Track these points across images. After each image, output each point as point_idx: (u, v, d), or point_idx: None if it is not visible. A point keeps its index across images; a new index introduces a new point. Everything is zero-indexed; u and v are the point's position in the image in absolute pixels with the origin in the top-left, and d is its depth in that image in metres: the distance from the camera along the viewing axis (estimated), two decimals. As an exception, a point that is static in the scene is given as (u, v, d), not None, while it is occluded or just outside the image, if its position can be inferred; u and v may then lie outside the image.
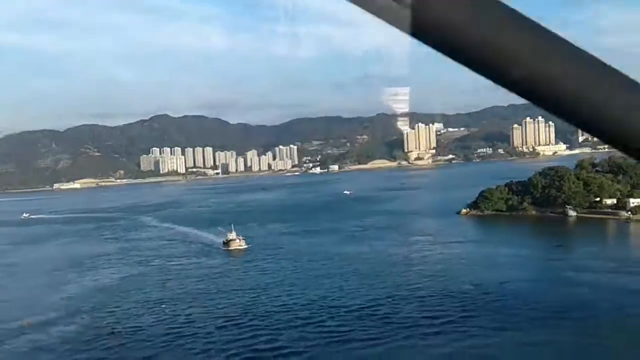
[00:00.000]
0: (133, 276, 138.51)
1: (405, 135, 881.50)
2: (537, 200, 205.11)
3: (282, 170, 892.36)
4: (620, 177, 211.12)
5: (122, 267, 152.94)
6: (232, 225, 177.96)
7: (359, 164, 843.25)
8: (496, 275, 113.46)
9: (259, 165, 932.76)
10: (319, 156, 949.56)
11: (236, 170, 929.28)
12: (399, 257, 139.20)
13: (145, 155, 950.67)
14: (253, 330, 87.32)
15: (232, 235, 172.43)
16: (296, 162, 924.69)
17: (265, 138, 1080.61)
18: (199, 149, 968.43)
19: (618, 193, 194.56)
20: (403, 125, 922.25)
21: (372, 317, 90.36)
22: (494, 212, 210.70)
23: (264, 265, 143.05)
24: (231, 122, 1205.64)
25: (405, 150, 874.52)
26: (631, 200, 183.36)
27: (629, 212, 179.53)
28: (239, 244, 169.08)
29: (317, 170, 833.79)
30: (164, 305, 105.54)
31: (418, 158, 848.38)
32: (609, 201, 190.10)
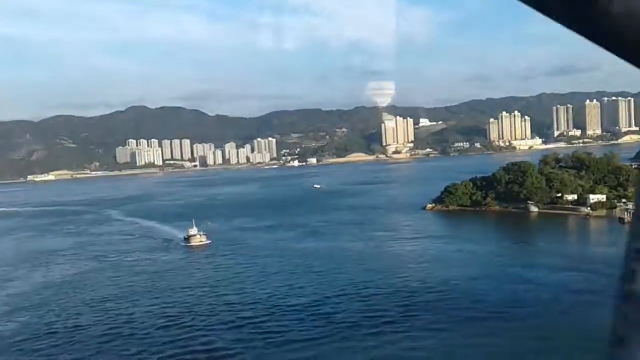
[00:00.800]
0: (84, 273, 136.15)
1: (383, 129, 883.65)
2: (500, 195, 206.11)
3: (261, 163, 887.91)
4: (582, 172, 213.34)
5: (76, 262, 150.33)
6: (193, 220, 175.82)
7: (337, 157, 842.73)
8: (446, 273, 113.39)
9: (237, 158, 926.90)
10: (298, 149, 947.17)
11: (214, 162, 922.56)
12: (354, 254, 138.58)
13: (121, 147, 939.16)
14: (192, 331, 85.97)
15: (193, 230, 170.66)
16: (275, 155, 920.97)
17: (244, 130, 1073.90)
18: (176, 141, 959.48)
19: (580, 189, 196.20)
20: (381, 118, 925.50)
21: (313, 317, 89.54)
22: (458, 207, 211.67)
23: (220, 262, 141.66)
24: (210, 114, 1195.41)
25: (384, 144, 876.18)
26: (591, 196, 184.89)
27: (589, 208, 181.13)
28: (199, 239, 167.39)
29: (296, 163, 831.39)
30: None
31: (396, 152, 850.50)
32: (570, 197, 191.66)
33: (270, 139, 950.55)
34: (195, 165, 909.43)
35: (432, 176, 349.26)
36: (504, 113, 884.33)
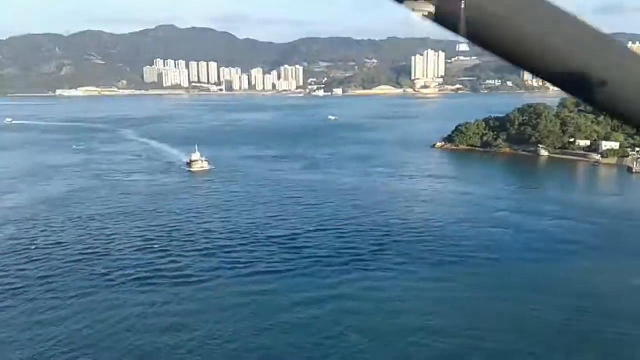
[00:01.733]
0: (80, 190, 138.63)
1: (413, 62, 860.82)
2: (512, 137, 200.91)
3: (286, 90, 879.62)
4: (601, 117, 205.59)
5: (76, 179, 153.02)
6: (197, 145, 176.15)
7: (363, 88, 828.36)
8: (433, 213, 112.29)
9: (263, 84, 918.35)
10: (325, 78, 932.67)
11: (240, 87, 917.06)
12: (348, 188, 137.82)
13: (148, 67, 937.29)
14: (163, 256, 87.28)
15: (196, 155, 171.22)
16: (301, 83, 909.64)
17: (272, 56, 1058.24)
18: (203, 64, 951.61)
19: (595, 134, 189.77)
20: (413, 50, 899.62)
21: (285, 249, 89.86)
22: (468, 147, 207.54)
23: (214, 188, 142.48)
24: (239, 37, 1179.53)
25: (412, 78, 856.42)
26: (603, 143, 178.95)
27: (599, 155, 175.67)
28: (201, 165, 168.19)
29: (321, 93, 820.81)
30: None
31: (424, 86, 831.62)
32: (582, 142, 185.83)
33: (297, 66, 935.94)
34: (220, 89, 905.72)
35: (453, 114, 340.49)
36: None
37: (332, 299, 69.23)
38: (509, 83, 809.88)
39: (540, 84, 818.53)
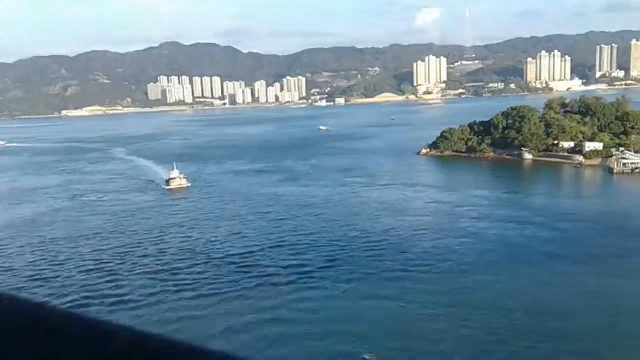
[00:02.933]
0: (52, 212, 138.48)
1: (414, 68, 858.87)
2: (496, 141, 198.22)
3: (289, 102, 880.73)
4: (587, 118, 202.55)
5: (50, 201, 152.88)
6: (174, 163, 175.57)
7: (366, 97, 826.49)
8: (398, 222, 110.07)
9: (266, 96, 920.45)
10: (328, 88, 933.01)
11: (243, 101, 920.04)
12: (320, 200, 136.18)
13: (152, 84, 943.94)
14: (107, 278, 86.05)
15: (174, 173, 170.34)
16: (304, 94, 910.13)
17: (276, 68, 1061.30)
18: (206, 79, 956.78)
19: (580, 135, 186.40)
20: (415, 57, 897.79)
21: (236, 267, 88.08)
22: (453, 153, 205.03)
23: (186, 206, 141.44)
24: (243, 50, 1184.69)
25: (414, 84, 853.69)
26: (587, 144, 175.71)
27: (583, 157, 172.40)
28: (179, 182, 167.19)
29: (323, 103, 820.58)
30: None
31: (426, 92, 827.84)
32: (566, 144, 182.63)
33: (300, 77, 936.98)
34: (224, 103, 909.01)
35: (451, 120, 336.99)
36: (542, 52, 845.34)
37: (265, 323, 66.65)
38: (512, 86, 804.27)
39: (544, 85, 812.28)
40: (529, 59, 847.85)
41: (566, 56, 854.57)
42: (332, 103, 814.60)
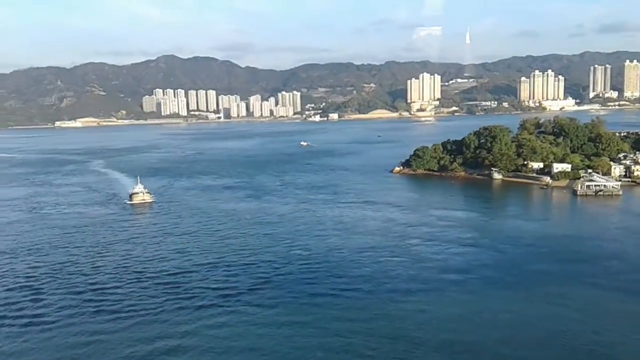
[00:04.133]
0: (4, 224, 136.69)
1: (409, 85, 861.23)
2: (468, 160, 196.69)
3: (283, 116, 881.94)
4: (560, 139, 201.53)
5: (8, 213, 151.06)
6: (139, 177, 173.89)
7: (360, 113, 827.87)
8: (340, 242, 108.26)
9: (261, 110, 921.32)
10: (323, 104, 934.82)
11: (238, 115, 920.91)
12: (274, 217, 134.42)
13: (147, 96, 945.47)
14: (32, 294, 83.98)
15: (138, 188, 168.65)
16: (299, 109, 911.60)
17: (273, 83, 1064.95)
18: (202, 92, 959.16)
19: (552, 156, 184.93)
20: (410, 74, 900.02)
21: (163, 287, 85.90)
22: (426, 171, 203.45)
23: (141, 222, 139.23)
24: (241, 65, 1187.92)
25: (408, 101, 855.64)
26: (555, 165, 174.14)
27: (551, 178, 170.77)
28: (142, 197, 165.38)
29: (317, 118, 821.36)
30: None
31: (420, 109, 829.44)
32: (535, 165, 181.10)
33: (294, 92, 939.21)
34: (219, 117, 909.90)
35: (439, 137, 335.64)
36: (536, 72, 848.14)
37: (167, 353, 64.28)
38: (505, 104, 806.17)
39: (538, 104, 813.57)
40: (523, 78, 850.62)
41: (560, 76, 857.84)
42: (325, 118, 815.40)
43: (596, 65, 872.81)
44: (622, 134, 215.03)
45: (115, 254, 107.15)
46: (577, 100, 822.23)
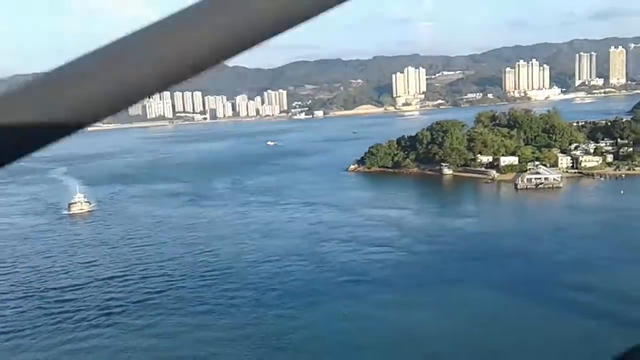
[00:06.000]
0: None
1: (394, 80, 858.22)
2: (420, 156, 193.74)
3: (269, 115, 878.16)
4: (514, 132, 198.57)
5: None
6: (78, 187, 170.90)
7: (345, 109, 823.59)
8: (257, 247, 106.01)
9: (247, 110, 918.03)
10: (309, 101, 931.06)
11: (224, 115, 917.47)
12: (202, 223, 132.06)
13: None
14: None
15: (77, 197, 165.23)
16: (285, 107, 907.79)
17: (260, 82, 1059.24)
18: (188, 94, 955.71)
19: (503, 150, 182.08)
20: (396, 68, 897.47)
21: (50, 302, 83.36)
22: (381, 169, 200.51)
23: (69, 232, 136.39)
24: (228, 64, 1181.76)
25: (394, 95, 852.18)
26: (502, 158, 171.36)
27: (498, 172, 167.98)
28: (80, 207, 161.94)
29: (302, 116, 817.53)
30: None
31: (405, 103, 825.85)
32: (485, 159, 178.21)
33: (280, 90, 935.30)
34: (205, 118, 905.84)
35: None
36: (521, 62, 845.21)
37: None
38: (490, 95, 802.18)
39: (522, 94, 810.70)
40: (508, 69, 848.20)
41: (545, 65, 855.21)
42: (311, 116, 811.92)
43: (582, 53, 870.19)
44: (580, 124, 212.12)
45: (22, 267, 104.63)
46: (563, 89, 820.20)
